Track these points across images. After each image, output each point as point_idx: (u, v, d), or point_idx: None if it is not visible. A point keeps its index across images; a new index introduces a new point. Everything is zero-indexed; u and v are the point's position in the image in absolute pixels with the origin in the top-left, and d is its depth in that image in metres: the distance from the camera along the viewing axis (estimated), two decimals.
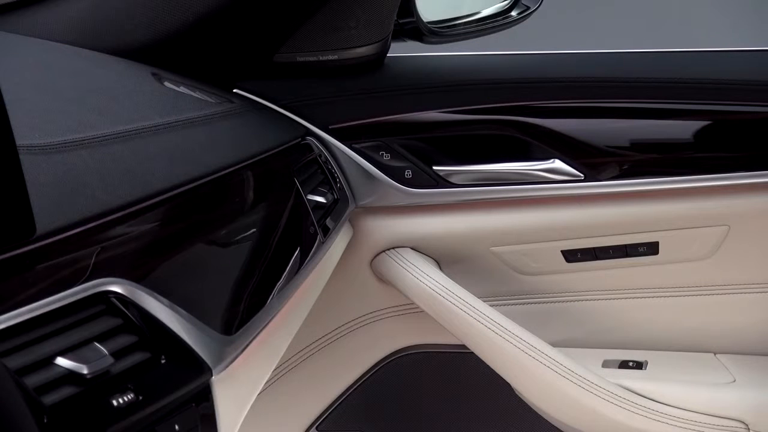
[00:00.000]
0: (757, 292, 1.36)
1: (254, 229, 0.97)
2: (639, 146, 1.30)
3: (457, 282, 1.35)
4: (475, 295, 1.35)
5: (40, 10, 1.18)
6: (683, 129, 1.30)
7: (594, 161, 1.30)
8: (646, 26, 2.74)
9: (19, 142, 0.60)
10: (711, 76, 1.33)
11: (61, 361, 0.65)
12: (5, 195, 0.60)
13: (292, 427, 1.52)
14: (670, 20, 2.81)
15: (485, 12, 1.43)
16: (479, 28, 1.41)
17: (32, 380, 0.62)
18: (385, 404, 1.51)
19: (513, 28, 1.44)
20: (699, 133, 1.29)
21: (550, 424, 1.39)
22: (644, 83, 1.33)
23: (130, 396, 0.69)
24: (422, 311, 1.37)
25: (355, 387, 1.50)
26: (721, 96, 1.30)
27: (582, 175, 1.29)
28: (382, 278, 1.40)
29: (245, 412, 0.96)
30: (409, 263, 1.36)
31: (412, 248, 1.38)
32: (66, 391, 0.64)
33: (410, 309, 1.42)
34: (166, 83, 1.11)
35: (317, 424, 1.52)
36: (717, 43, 1.46)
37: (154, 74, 1.13)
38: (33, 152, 0.74)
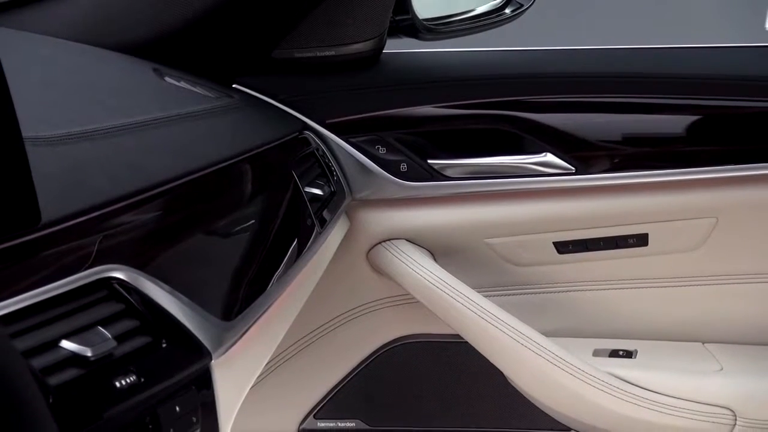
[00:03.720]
0: (744, 283, 1.37)
1: (253, 220, 0.98)
2: (629, 140, 1.32)
3: (451, 273, 1.36)
4: (469, 285, 1.36)
5: (44, 7, 1.19)
6: (672, 123, 1.32)
7: (585, 155, 1.31)
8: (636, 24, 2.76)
9: (24, 134, 0.61)
10: (700, 71, 1.35)
11: (66, 344, 0.66)
12: (12, 185, 0.61)
13: (291, 416, 1.53)
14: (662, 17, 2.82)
15: (479, 9, 1.44)
16: (473, 25, 1.42)
17: (38, 362, 0.63)
18: (382, 393, 1.52)
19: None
20: (687, 128, 1.31)
21: (542, 411, 1.40)
22: (634, 78, 1.34)
23: (132, 378, 0.70)
24: (418, 302, 1.38)
25: (351, 376, 1.51)
26: (710, 91, 1.32)
27: (573, 168, 1.31)
28: (378, 269, 1.41)
29: (244, 395, 0.97)
30: (404, 254, 1.37)
31: (407, 240, 1.39)
32: (70, 373, 0.65)
33: (406, 299, 1.43)
34: (167, 78, 1.12)
35: (315, 412, 1.53)
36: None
37: (155, 70, 1.13)
38: (38, 144, 0.75)
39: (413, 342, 1.48)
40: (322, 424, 1.53)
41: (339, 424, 1.53)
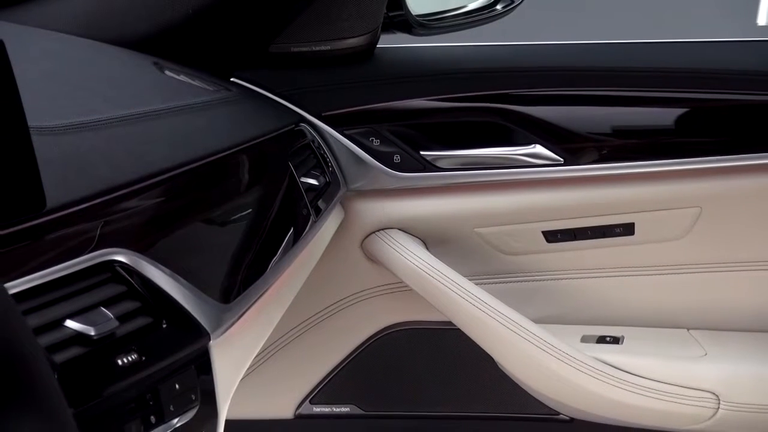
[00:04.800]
0: (728, 271, 1.39)
1: (250, 208, 1.00)
2: (616, 132, 1.34)
3: (443, 261, 1.38)
4: (460, 273, 1.38)
5: (48, 3, 1.21)
6: (658, 115, 1.34)
7: (573, 146, 1.33)
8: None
9: (30, 123, 0.64)
10: (685, 65, 1.37)
11: (71, 324, 0.68)
12: (18, 172, 0.63)
13: (287, 401, 1.55)
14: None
15: (471, 6, 1.46)
16: (465, 21, 1.44)
17: (44, 340, 0.66)
18: (375, 378, 1.53)
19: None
20: (673, 120, 1.33)
21: (532, 396, 1.43)
22: (621, 72, 1.36)
23: (134, 356, 0.72)
24: (410, 289, 1.41)
25: (346, 362, 1.52)
26: (694, 85, 1.34)
27: (561, 159, 1.33)
28: (372, 258, 1.43)
29: (241, 375, 0.99)
30: (397, 243, 1.39)
31: (400, 229, 1.40)
32: (75, 351, 0.68)
33: (399, 287, 1.45)
34: (167, 72, 1.14)
35: (311, 397, 1.55)
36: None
37: (155, 63, 1.15)
38: (43, 133, 0.77)
39: (406, 329, 1.50)
40: (317, 409, 1.55)
41: (334, 409, 1.55)
